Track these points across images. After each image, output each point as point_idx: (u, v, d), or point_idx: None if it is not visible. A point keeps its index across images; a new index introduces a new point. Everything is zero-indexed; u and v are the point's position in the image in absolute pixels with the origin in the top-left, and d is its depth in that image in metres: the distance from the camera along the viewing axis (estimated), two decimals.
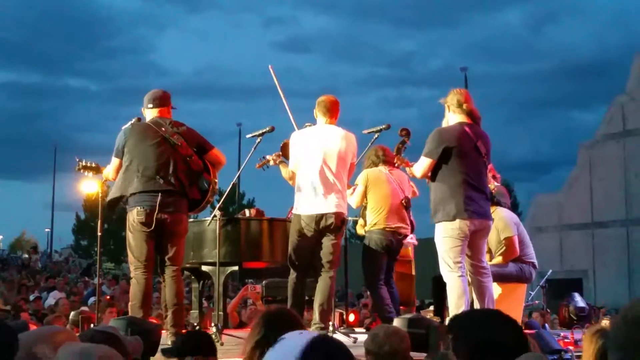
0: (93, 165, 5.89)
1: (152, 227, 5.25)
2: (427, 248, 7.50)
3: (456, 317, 2.47)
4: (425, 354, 4.33)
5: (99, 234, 6.20)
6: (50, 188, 44.86)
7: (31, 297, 13.10)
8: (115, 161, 5.51)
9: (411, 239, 6.81)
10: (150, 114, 5.57)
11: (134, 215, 5.30)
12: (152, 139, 5.39)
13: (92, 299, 11.58)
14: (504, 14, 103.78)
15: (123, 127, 5.52)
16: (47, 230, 46.92)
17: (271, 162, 5.98)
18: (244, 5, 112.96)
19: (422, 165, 5.45)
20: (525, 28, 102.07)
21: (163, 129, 5.43)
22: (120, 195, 5.41)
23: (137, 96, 5.73)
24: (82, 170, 5.92)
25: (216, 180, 5.64)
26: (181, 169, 5.40)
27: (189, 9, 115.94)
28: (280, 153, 5.99)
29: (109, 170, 5.61)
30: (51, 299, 12.73)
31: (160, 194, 5.28)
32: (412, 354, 3.87)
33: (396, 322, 4.76)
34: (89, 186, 9.43)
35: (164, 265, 5.42)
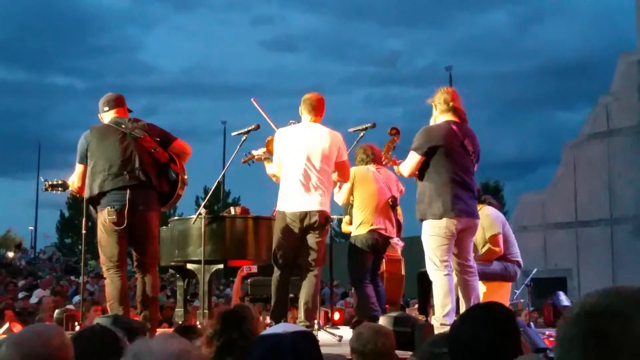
0: (60, 182, 5.83)
1: (124, 226, 5.23)
2: (413, 246, 7.51)
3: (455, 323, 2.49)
4: (410, 353, 4.33)
5: (84, 231, 6.16)
6: (34, 185, 44.62)
7: (20, 296, 13.08)
8: (79, 168, 5.47)
9: (398, 241, 6.79)
10: (107, 116, 5.54)
11: (104, 216, 5.27)
12: (114, 136, 5.36)
13: (76, 297, 11.54)
14: (490, 13, 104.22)
15: (83, 134, 5.48)
16: (30, 228, 46.61)
17: (256, 158, 5.95)
18: (232, 4, 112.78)
19: (409, 163, 5.45)
20: (510, 28, 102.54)
21: (123, 126, 5.40)
22: (90, 196, 5.38)
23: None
24: (50, 190, 5.86)
25: (184, 171, 5.61)
26: (147, 161, 5.36)
27: (177, 8, 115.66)
28: (266, 149, 5.97)
29: (73, 179, 5.55)
30: (34, 297, 12.66)
31: (128, 190, 5.24)
32: (398, 352, 3.86)
33: (382, 321, 4.76)
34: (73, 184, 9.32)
35: (140, 262, 5.40)
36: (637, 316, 1.19)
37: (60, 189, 5.82)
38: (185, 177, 5.61)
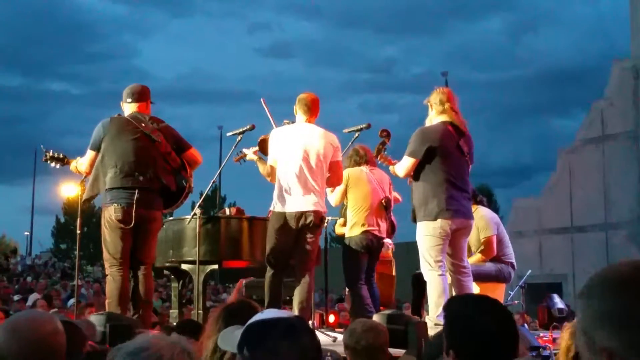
0: (60, 156, 5.75)
1: (131, 224, 5.22)
2: (408, 251, 7.52)
3: (452, 299, 2.46)
4: (404, 351, 4.34)
5: (78, 231, 6.15)
6: (30, 191, 44.49)
7: (15, 298, 13.10)
8: (90, 154, 5.44)
9: (389, 243, 6.79)
10: (128, 108, 5.52)
11: (110, 212, 5.25)
12: (132, 134, 5.34)
13: (71, 301, 11.53)
14: (485, 22, 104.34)
15: (102, 121, 5.45)
16: (26, 233, 46.45)
17: (248, 156, 5.93)
18: (228, 11, 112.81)
19: (405, 164, 5.47)
20: (505, 36, 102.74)
21: (143, 124, 5.38)
22: (95, 194, 5.38)
23: (119, 100, 5.66)
24: (49, 162, 5.77)
25: (191, 179, 5.62)
26: (160, 165, 5.36)
27: (174, 15, 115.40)
28: (258, 149, 5.95)
29: (83, 163, 5.51)
30: (30, 301, 12.73)
31: (137, 191, 5.24)
32: (391, 350, 3.87)
33: (376, 318, 4.77)
34: (69, 189, 9.30)
35: (136, 263, 5.38)
36: None
37: (59, 163, 5.75)
38: (192, 185, 5.63)
